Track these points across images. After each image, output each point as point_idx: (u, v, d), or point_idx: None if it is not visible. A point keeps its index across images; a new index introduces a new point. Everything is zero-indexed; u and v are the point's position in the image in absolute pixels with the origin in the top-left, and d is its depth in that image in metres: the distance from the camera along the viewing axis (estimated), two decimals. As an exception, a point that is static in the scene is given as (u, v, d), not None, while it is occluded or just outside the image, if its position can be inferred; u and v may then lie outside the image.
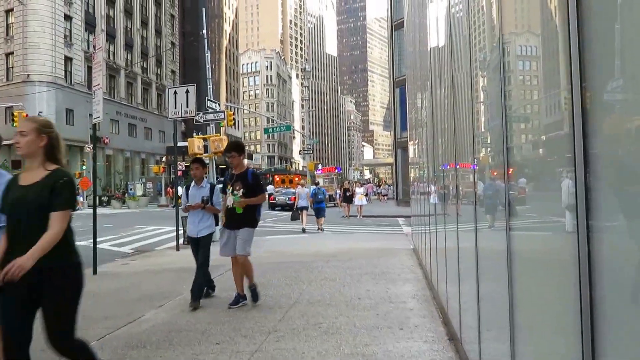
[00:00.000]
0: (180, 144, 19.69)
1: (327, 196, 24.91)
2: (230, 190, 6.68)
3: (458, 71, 5.35)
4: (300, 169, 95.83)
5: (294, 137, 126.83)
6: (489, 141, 3.81)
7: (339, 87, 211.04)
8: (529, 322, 2.59)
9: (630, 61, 1.57)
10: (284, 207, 33.53)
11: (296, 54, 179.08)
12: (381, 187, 63.72)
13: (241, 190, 6.62)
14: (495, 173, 3.74)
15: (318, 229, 19.86)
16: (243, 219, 6.71)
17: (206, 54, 42.55)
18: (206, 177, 7.59)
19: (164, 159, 59.88)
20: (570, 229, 2.31)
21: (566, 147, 2.39)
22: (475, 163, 4.63)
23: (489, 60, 3.83)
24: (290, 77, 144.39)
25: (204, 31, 43.89)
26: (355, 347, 5.06)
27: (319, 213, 20.50)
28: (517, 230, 2.84)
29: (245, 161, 7.42)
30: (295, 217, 23.20)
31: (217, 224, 7.32)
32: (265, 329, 5.72)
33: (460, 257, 4.74)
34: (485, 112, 4.14)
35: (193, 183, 7.31)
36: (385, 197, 53.92)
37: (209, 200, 7.05)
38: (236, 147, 6.94)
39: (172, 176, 44.55)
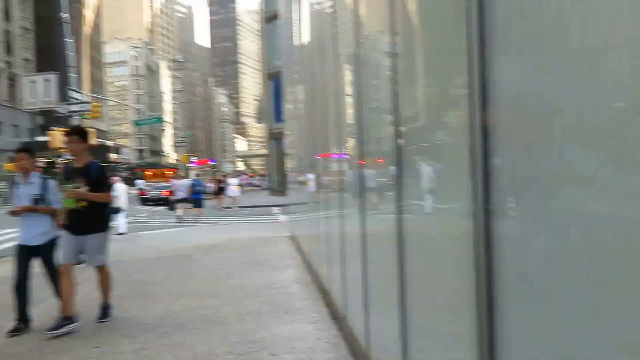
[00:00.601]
0: (39, 138, 18.02)
1: (205, 188, 24.69)
2: (70, 186, 5.35)
3: (329, 65, 5.62)
4: (173, 161, 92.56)
5: (164, 130, 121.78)
6: (358, 132, 4.09)
7: (211, 79, 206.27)
8: (394, 298, 2.89)
9: (455, 59, 1.85)
10: (157, 201, 32.26)
11: (165, 44, 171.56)
12: (254, 178, 63.95)
13: (84, 187, 5.35)
14: (363, 162, 4.04)
15: (196, 219, 19.89)
16: (90, 221, 5.46)
17: (68, 40, 39.10)
18: (39, 171, 5.98)
19: (19, 156, 53.87)
20: (429, 211, 2.63)
21: (427, 138, 2.71)
22: (345, 152, 4.94)
23: (357, 55, 4.09)
24: (159, 68, 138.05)
25: (66, 15, 40.25)
26: (244, 335, 5.15)
27: (198, 204, 20.92)
28: (393, 213, 3.10)
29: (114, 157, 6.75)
30: (173, 209, 22.80)
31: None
32: (147, 327, 5.56)
33: (342, 240, 5.02)
34: (353, 105, 4.42)
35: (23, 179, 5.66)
36: (259, 188, 54.21)
37: (42, 198, 5.54)
38: (79, 131, 5.66)
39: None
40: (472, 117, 1.86)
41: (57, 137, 15.73)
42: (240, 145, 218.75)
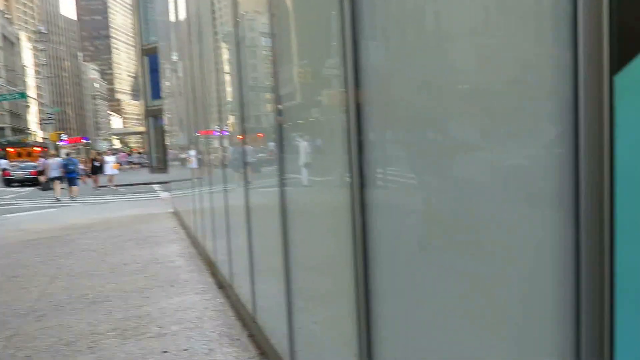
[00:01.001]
0: None
1: (79, 166, 22.83)
2: None
3: (207, 43, 5.45)
4: (40, 140, 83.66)
5: (29, 106, 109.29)
6: (239, 110, 4.06)
7: (80, 53, 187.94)
8: (276, 264, 2.97)
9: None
10: (24, 182, 29.12)
11: (25, 13, 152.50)
12: (132, 156, 60.28)
13: None
14: (244, 138, 4.03)
15: (72, 199, 18.51)
16: None
17: None
18: None
19: None
20: (305, 184, 2.72)
21: (304, 115, 2.78)
22: (226, 129, 4.87)
23: (235, 34, 4.03)
24: (19, 39, 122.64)
25: None
26: (128, 311, 4.93)
27: (72, 182, 19.50)
28: (274, 187, 3.15)
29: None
30: (47, 188, 20.98)
31: None
32: (20, 312, 5.09)
33: (226, 214, 4.98)
34: (233, 83, 4.37)
35: None
36: (139, 166, 51.27)
37: None
38: None
39: None
40: (346, 96, 1.95)
41: None
42: (116, 122, 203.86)
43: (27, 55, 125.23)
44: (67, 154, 23.20)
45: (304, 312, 2.81)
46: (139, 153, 66.40)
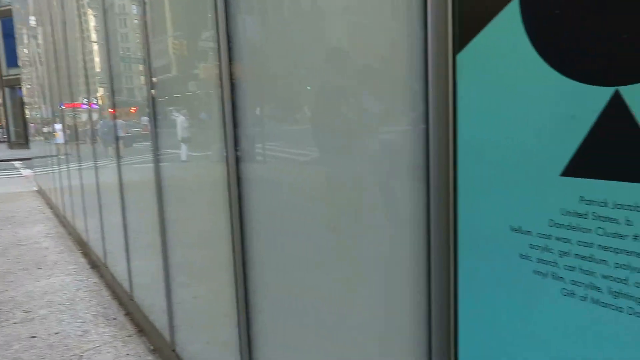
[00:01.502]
0: None
1: None
2: None
3: (72, 8, 4.91)
4: None
5: None
6: (109, 82, 3.74)
7: None
8: (152, 240, 2.84)
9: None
10: None
11: None
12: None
13: None
14: (115, 111, 3.74)
15: None
16: None
17: None
18: None
19: None
20: (184, 159, 2.62)
21: (180, 89, 2.64)
22: (95, 102, 4.48)
23: (101, 1, 3.69)
24: None
25: None
26: (-14, 298, 4.39)
27: None
28: (149, 162, 2.97)
29: None
30: None
31: None
32: None
33: (98, 191, 4.61)
34: (101, 53, 4.01)
35: None
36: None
37: None
38: None
39: None
40: (220, 69, 1.89)
41: None
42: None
43: None
44: None
45: (184, 287, 2.73)
46: (-5, 127, 58.50)
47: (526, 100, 0.82)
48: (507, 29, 0.82)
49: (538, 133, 0.80)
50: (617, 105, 0.71)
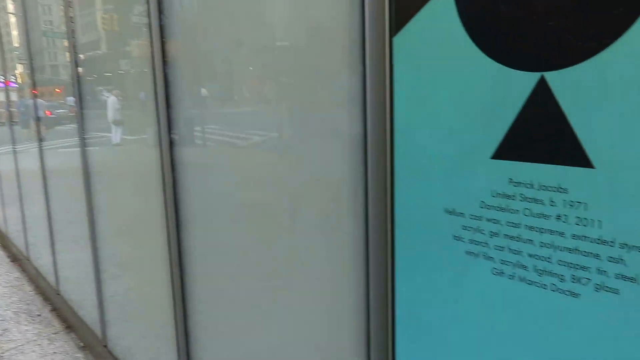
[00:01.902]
0: None
1: None
2: None
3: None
4: None
5: None
6: (28, 58, 3.52)
7: None
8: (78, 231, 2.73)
9: None
10: None
11: None
12: None
13: None
14: (34, 91, 3.54)
15: None
16: None
17: None
18: None
19: None
20: (116, 142, 2.52)
21: (110, 67, 2.53)
22: (11, 80, 4.21)
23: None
24: None
25: None
26: None
27: None
28: (76, 147, 2.84)
29: None
30: None
31: None
32: None
33: (18, 178, 4.35)
34: (19, 25, 3.77)
35: None
36: None
37: None
38: None
39: None
40: (152, 47, 1.83)
41: None
42: None
43: None
44: None
45: (116, 280, 2.65)
46: None
47: (459, 84, 0.85)
48: (441, 12, 0.85)
49: (470, 117, 0.84)
50: (542, 90, 0.75)
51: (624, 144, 0.67)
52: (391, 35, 0.93)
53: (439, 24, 0.85)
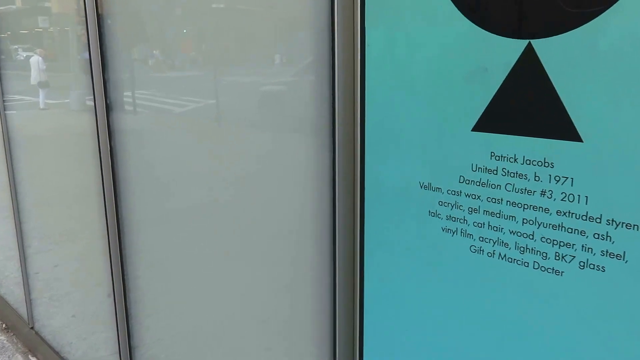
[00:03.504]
0: None
1: None
2: None
3: None
4: None
5: None
6: None
7: None
8: None
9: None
10: None
11: None
12: None
13: None
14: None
15: None
16: None
17: None
18: None
19: None
20: (42, 107, 2.27)
21: (28, 23, 2.25)
22: None
23: None
24: None
25: None
26: None
27: None
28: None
29: None
30: None
31: None
32: None
33: None
34: None
35: None
36: None
37: None
38: None
39: None
40: (85, 2, 1.62)
41: None
42: None
43: None
44: None
45: (43, 254, 2.43)
46: None
47: (438, 51, 0.79)
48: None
49: (450, 85, 0.78)
50: (529, 58, 0.71)
51: (613, 118, 0.64)
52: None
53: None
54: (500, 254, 0.76)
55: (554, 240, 0.70)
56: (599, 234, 0.66)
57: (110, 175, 1.70)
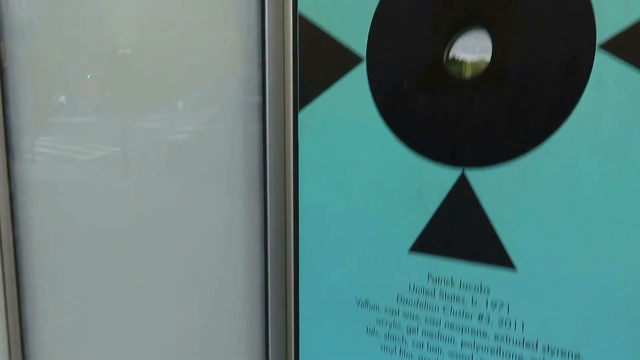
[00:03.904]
0: None
1: None
2: None
3: None
4: None
5: None
6: None
7: None
8: None
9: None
10: None
11: None
12: None
13: None
14: None
15: None
16: None
17: None
18: None
19: None
20: None
21: None
22: None
23: None
24: None
25: None
26: None
27: None
28: None
29: None
30: None
31: None
32: None
33: None
34: None
35: None
36: None
37: None
38: None
39: None
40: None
41: None
42: None
43: None
44: None
45: None
46: None
47: (372, 172, 0.79)
48: (354, 94, 0.78)
49: (386, 206, 0.79)
50: (463, 186, 0.73)
51: (545, 247, 0.68)
52: (296, 110, 0.83)
53: (352, 106, 0.79)
54: (442, 377, 0.76)
55: (493, 364, 0.72)
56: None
57: (9, 229, 1.47)
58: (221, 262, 1.00)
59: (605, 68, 0.63)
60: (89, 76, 1.36)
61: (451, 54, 0.75)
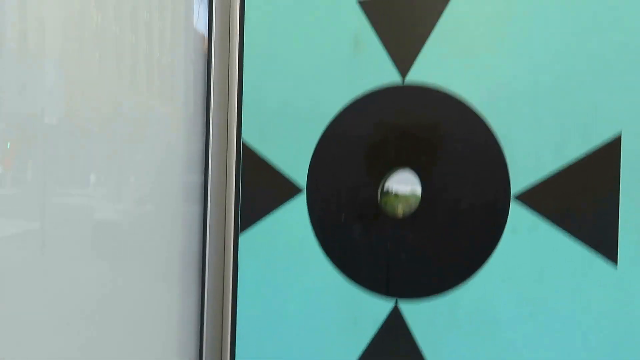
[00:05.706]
0: None
1: None
2: None
3: None
4: None
5: None
6: None
7: None
8: None
9: None
10: None
11: None
12: None
13: None
14: None
15: None
16: None
17: None
18: None
19: None
20: None
21: None
22: None
23: None
24: None
25: None
26: None
27: None
28: None
29: None
30: None
31: None
32: None
33: None
34: None
35: None
36: None
37: None
38: None
39: None
40: None
41: None
42: None
43: None
44: None
45: None
46: None
47: (310, 299, 0.80)
48: (294, 222, 0.81)
49: (321, 335, 0.79)
50: (396, 317, 0.75)
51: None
52: (237, 231, 0.84)
53: (291, 231, 0.81)
54: None
55: None
56: None
57: None
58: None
59: (520, 217, 0.69)
60: (8, 145, 1.30)
61: (385, 186, 0.79)
